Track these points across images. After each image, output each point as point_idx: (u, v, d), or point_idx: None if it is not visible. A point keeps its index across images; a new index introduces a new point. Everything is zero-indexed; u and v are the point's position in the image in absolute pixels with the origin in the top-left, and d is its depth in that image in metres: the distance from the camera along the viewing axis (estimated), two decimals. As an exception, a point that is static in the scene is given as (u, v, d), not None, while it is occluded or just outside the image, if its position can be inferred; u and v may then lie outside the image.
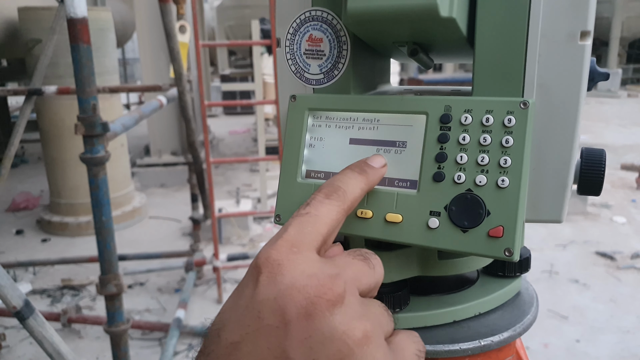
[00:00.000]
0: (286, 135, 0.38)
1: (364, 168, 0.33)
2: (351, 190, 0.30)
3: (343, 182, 0.31)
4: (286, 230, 0.27)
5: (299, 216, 0.28)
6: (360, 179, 0.32)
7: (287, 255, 0.26)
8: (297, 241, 0.27)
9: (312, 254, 0.27)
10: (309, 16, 0.39)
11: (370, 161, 0.33)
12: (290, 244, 0.26)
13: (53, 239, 3.36)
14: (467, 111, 0.33)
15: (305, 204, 0.29)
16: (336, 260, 0.27)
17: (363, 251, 0.29)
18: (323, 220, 0.28)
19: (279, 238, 0.27)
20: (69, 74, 3.06)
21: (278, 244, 0.26)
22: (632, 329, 2.15)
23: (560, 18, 0.33)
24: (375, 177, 0.33)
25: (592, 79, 0.36)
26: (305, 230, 0.27)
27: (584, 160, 0.36)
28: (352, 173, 0.32)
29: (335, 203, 0.29)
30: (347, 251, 0.29)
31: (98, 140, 1.33)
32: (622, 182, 4.21)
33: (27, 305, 1.12)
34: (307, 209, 0.28)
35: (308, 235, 0.27)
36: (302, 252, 0.26)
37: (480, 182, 0.32)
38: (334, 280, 0.25)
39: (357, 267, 0.28)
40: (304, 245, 0.27)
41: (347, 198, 0.30)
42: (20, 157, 5.56)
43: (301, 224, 0.28)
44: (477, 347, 0.36)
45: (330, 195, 0.29)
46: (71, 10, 1.20)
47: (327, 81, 0.39)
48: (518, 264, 0.42)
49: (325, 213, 0.28)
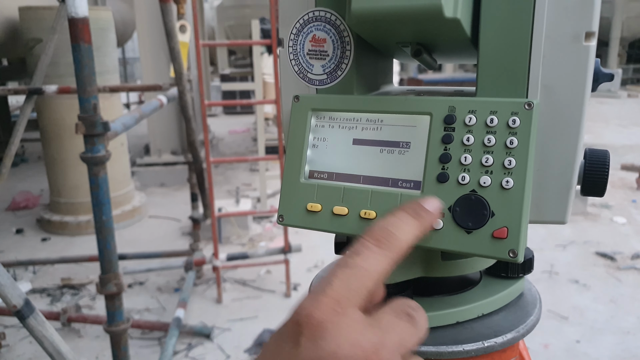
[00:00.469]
0: (289, 136, 0.38)
1: (419, 212, 0.30)
2: (404, 238, 0.28)
3: (396, 227, 0.28)
4: (330, 284, 0.25)
5: (346, 267, 0.26)
6: (415, 224, 0.29)
7: (330, 317, 0.24)
8: (342, 298, 0.25)
9: (356, 314, 0.25)
10: (312, 17, 0.39)
11: (426, 203, 0.31)
12: (334, 302, 0.24)
13: (53, 238, 3.36)
14: (471, 112, 0.33)
15: (354, 250, 0.27)
16: (381, 321, 0.26)
17: (406, 306, 0.27)
18: (371, 274, 0.26)
19: (323, 293, 0.25)
20: (69, 74, 3.07)
21: (322, 302, 0.24)
22: (632, 330, 2.15)
23: (565, 19, 0.33)
24: (430, 222, 0.31)
25: (597, 79, 0.36)
26: (352, 285, 0.25)
27: (588, 162, 0.36)
28: (406, 217, 0.29)
29: (386, 253, 0.27)
30: (391, 307, 0.27)
31: (99, 139, 1.33)
32: (622, 182, 4.21)
33: (27, 305, 1.12)
34: (356, 260, 0.26)
35: (354, 291, 0.25)
36: (346, 313, 0.24)
37: (484, 183, 0.32)
38: (378, 350, 0.24)
39: (402, 329, 0.26)
40: (349, 303, 0.25)
41: (399, 247, 0.27)
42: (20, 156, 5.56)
43: (348, 277, 0.25)
44: (480, 349, 0.36)
45: (382, 242, 0.27)
46: (72, 10, 1.20)
47: (330, 81, 0.39)
48: (521, 265, 0.42)
49: (374, 265, 0.26)
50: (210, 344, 2.12)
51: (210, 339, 2.14)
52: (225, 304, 2.43)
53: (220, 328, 2.22)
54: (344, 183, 0.36)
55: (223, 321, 2.28)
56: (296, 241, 2.69)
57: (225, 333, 2.19)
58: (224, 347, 2.09)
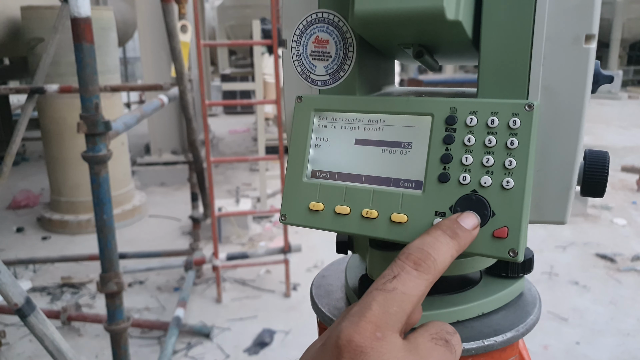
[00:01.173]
0: (292, 136, 0.39)
1: (456, 231, 0.30)
2: (442, 259, 0.28)
3: (434, 248, 0.28)
4: (370, 308, 0.25)
5: (385, 291, 0.26)
6: (452, 244, 0.29)
7: (370, 342, 0.24)
8: (381, 323, 0.25)
9: (396, 339, 0.25)
10: (315, 18, 0.39)
11: (463, 221, 0.30)
12: (374, 327, 0.25)
13: (53, 237, 3.37)
14: (472, 113, 0.34)
15: (392, 274, 0.27)
16: (420, 347, 0.26)
17: (444, 332, 0.28)
18: (410, 298, 0.26)
19: (363, 317, 0.25)
20: (70, 73, 3.07)
21: (362, 327, 0.25)
22: (632, 332, 2.15)
23: (565, 21, 0.33)
24: (467, 241, 0.30)
25: (597, 81, 0.36)
26: (391, 310, 0.25)
27: (588, 162, 0.36)
28: (443, 237, 0.29)
29: (425, 276, 0.27)
30: (428, 331, 0.27)
31: (100, 138, 1.33)
32: (623, 184, 4.21)
33: (28, 303, 1.12)
34: (394, 283, 0.26)
35: (394, 315, 0.25)
36: (386, 338, 0.25)
37: (485, 183, 0.32)
38: None
39: (439, 355, 0.26)
40: (389, 327, 0.25)
41: (437, 269, 0.27)
42: (21, 155, 5.56)
43: (387, 302, 0.25)
44: (480, 347, 0.36)
45: (420, 265, 0.27)
46: (75, 10, 1.20)
47: (333, 82, 0.40)
48: (521, 265, 0.42)
49: (413, 288, 0.26)
50: (209, 344, 2.12)
51: (209, 339, 2.15)
52: (225, 304, 2.43)
53: (220, 327, 2.22)
54: (346, 183, 0.37)
55: (222, 321, 2.28)
56: (296, 241, 2.69)
57: (225, 332, 2.20)
58: (223, 346, 2.10)
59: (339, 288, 0.46)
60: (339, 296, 0.45)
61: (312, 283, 0.47)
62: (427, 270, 0.27)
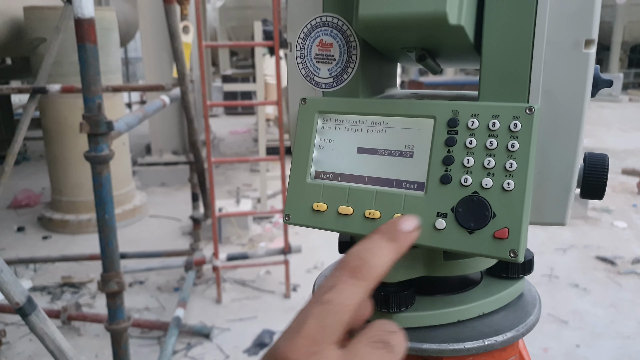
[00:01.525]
0: (296, 137, 0.39)
1: (395, 234, 0.29)
2: (380, 264, 0.27)
3: (372, 255, 0.27)
4: (305, 323, 0.25)
5: (320, 304, 0.26)
6: (390, 248, 0.28)
7: (305, 357, 0.24)
8: (317, 337, 0.25)
9: (332, 350, 0.25)
10: (319, 22, 0.40)
11: (403, 224, 0.30)
12: (309, 342, 0.24)
13: (54, 237, 3.37)
14: (474, 116, 0.34)
15: (329, 285, 0.26)
16: (357, 354, 0.25)
17: (384, 332, 0.27)
18: (346, 308, 0.26)
19: (298, 333, 0.25)
20: (72, 73, 3.08)
21: (296, 342, 0.24)
22: (632, 335, 2.15)
23: (566, 26, 0.34)
24: (407, 243, 0.29)
25: (596, 85, 0.37)
26: (327, 322, 0.25)
27: (587, 165, 0.37)
28: (381, 242, 0.28)
29: (362, 283, 0.26)
30: (367, 335, 0.27)
31: (102, 138, 1.34)
32: (623, 186, 4.21)
33: (29, 302, 1.13)
34: (330, 295, 0.26)
35: (329, 328, 0.25)
36: (322, 352, 0.24)
37: (486, 185, 0.33)
38: None
39: (376, 357, 0.26)
40: (325, 340, 0.25)
41: (375, 274, 0.27)
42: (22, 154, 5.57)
43: (322, 314, 0.25)
44: (481, 347, 0.36)
45: (357, 273, 0.26)
46: (79, 11, 1.21)
47: (337, 85, 0.40)
48: (521, 266, 0.43)
49: (349, 298, 0.26)
50: (209, 344, 2.12)
51: (209, 339, 2.15)
52: (225, 304, 2.43)
53: (220, 328, 2.23)
54: (349, 183, 0.37)
55: (222, 321, 2.28)
56: (296, 242, 2.70)
57: (225, 333, 2.20)
58: (223, 347, 2.10)
59: (341, 288, 0.46)
60: (341, 296, 0.45)
61: (314, 282, 0.48)
62: (364, 277, 0.27)
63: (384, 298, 0.38)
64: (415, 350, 0.37)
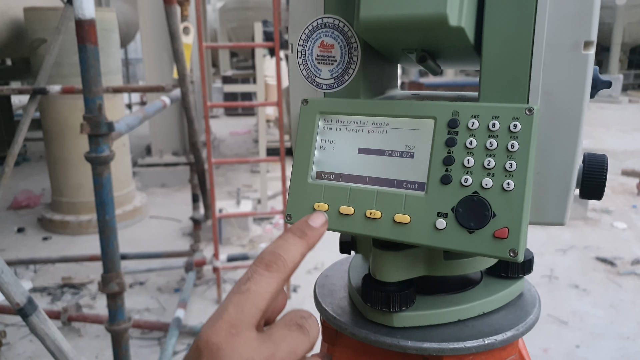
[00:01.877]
0: (298, 138, 0.40)
1: (304, 230, 0.33)
2: (292, 258, 0.31)
3: (284, 250, 0.31)
4: (226, 310, 0.28)
5: (240, 293, 0.29)
6: (301, 243, 0.32)
7: (226, 339, 0.26)
8: (236, 321, 0.27)
9: (250, 333, 0.27)
10: (321, 23, 0.40)
11: (311, 220, 0.34)
12: (229, 325, 0.27)
13: (54, 237, 3.37)
14: (474, 116, 0.34)
15: (246, 277, 0.30)
16: (273, 335, 0.28)
17: (298, 317, 0.30)
18: (262, 296, 0.29)
19: (219, 319, 0.27)
20: (72, 74, 3.08)
21: (218, 326, 0.27)
22: (632, 335, 2.15)
23: (565, 28, 0.34)
24: (316, 238, 0.33)
25: (595, 86, 0.37)
26: (245, 308, 0.28)
27: (587, 166, 0.37)
28: (292, 238, 0.32)
29: (275, 275, 0.30)
30: (283, 320, 0.30)
31: (103, 139, 1.34)
32: (623, 187, 4.22)
33: (29, 303, 1.13)
34: (248, 285, 0.29)
35: (247, 312, 0.28)
36: (240, 333, 0.27)
37: (486, 185, 0.33)
38: None
39: (293, 339, 0.29)
40: (243, 324, 0.27)
41: (287, 267, 0.30)
42: (22, 155, 5.57)
43: (240, 302, 0.28)
44: (481, 346, 0.37)
45: (271, 266, 0.30)
46: (79, 12, 1.21)
47: (338, 86, 0.41)
48: (521, 266, 0.43)
49: (265, 287, 0.29)
50: (210, 345, 2.12)
51: (210, 340, 2.14)
52: (226, 305, 2.43)
53: (220, 329, 2.22)
54: (350, 184, 0.38)
55: (223, 322, 2.28)
56: (297, 243, 2.69)
57: (225, 334, 2.19)
58: (223, 347, 2.10)
59: (342, 287, 0.47)
60: (342, 295, 0.45)
61: (315, 282, 0.48)
62: (278, 269, 0.30)
63: (385, 297, 0.38)
64: (416, 349, 0.37)
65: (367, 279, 0.41)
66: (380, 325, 0.40)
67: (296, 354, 0.28)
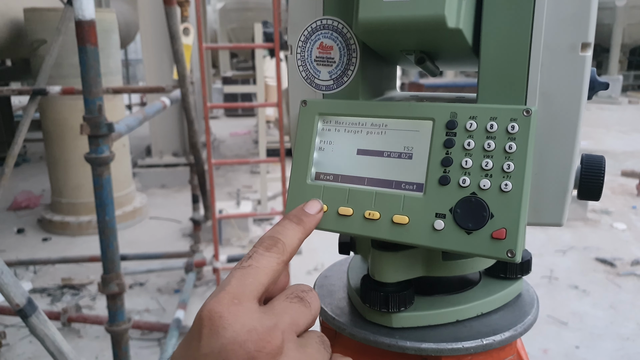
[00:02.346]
0: (297, 139, 0.40)
1: (301, 217, 0.34)
2: (290, 242, 0.32)
3: (282, 235, 0.32)
4: (229, 283, 0.29)
5: (241, 268, 0.29)
6: (298, 229, 0.33)
7: (228, 308, 0.27)
8: (238, 293, 0.28)
9: (252, 304, 0.28)
10: (320, 24, 0.40)
11: (307, 208, 0.35)
12: (232, 296, 0.27)
13: (54, 238, 3.37)
14: (472, 118, 0.35)
15: (247, 256, 0.31)
16: (274, 307, 0.29)
17: (299, 291, 0.31)
18: (264, 271, 0.29)
19: (222, 290, 0.28)
20: (72, 75, 3.08)
21: (220, 296, 0.27)
22: (631, 336, 2.15)
23: (562, 30, 0.34)
24: (312, 224, 0.34)
25: (593, 88, 0.37)
26: (247, 281, 0.28)
27: (584, 167, 0.37)
28: (290, 224, 0.33)
29: (275, 255, 0.30)
30: (284, 293, 0.31)
31: (103, 140, 1.34)
32: (623, 188, 4.22)
33: (29, 303, 1.13)
34: (249, 262, 0.30)
35: (249, 286, 0.28)
36: (243, 304, 0.27)
37: (484, 186, 0.33)
38: (272, 332, 0.27)
39: (294, 310, 0.29)
40: (245, 296, 0.28)
41: (286, 250, 0.31)
42: (22, 156, 5.57)
43: (243, 276, 0.29)
44: (479, 346, 0.37)
45: (271, 248, 0.31)
46: (79, 13, 1.22)
47: (337, 87, 0.41)
48: (519, 266, 0.43)
49: (266, 264, 0.30)
50: (210, 345, 2.12)
51: (210, 340, 2.14)
52: (225, 306, 2.43)
53: (220, 329, 2.22)
54: (349, 185, 0.38)
55: (223, 323, 2.28)
56: (296, 244, 2.69)
57: (225, 334, 2.19)
58: (223, 348, 2.09)
59: (341, 288, 0.47)
60: (341, 296, 0.46)
61: (314, 283, 0.48)
62: (277, 251, 0.31)
63: (383, 298, 0.38)
64: (414, 350, 0.37)
65: (365, 279, 0.41)
66: (379, 325, 0.40)
67: (298, 325, 0.29)
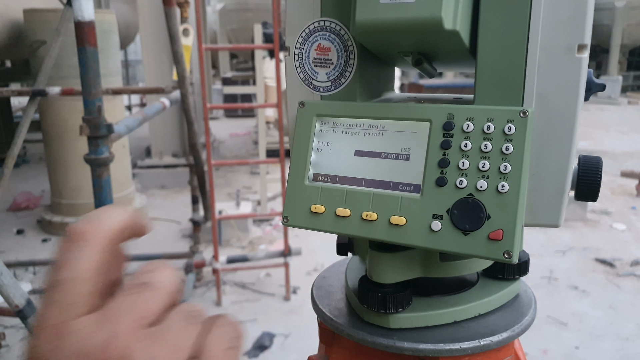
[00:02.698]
0: (295, 140, 0.40)
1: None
2: (105, 228, 0.25)
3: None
4: (42, 315, 0.23)
5: (51, 287, 0.23)
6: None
7: (53, 343, 0.22)
8: (57, 321, 0.22)
9: (78, 323, 0.22)
10: (317, 26, 0.40)
11: None
12: (51, 328, 0.22)
13: (54, 239, 3.37)
14: (469, 119, 0.35)
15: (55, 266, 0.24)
16: (110, 310, 0.23)
17: (139, 275, 0.24)
18: (81, 277, 0.23)
19: (39, 327, 0.23)
20: (72, 75, 3.09)
21: (40, 335, 0.22)
22: (631, 336, 2.15)
23: (559, 32, 0.34)
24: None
25: (589, 89, 0.37)
26: (64, 301, 0.22)
27: (581, 168, 0.38)
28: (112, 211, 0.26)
29: (85, 249, 0.23)
30: (125, 286, 0.24)
31: (102, 141, 1.35)
32: (622, 189, 4.22)
33: (29, 305, 1.13)
34: (60, 274, 0.23)
35: (67, 305, 0.22)
36: (68, 329, 0.22)
37: (481, 187, 0.33)
38: (110, 345, 0.22)
39: (134, 303, 0.23)
40: (69, 316, 0.22)
41: (97, 237, 0.24)
42: (22, 157, 5.57)
43: (55, 297, 0.23)
44: (477, 347, 0.37)
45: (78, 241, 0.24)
46: (79, 14, 1.22)
47: (335, 88, 0.41)
48: (517, 267, 0.43)
49: (78, 269, 0.23)
50: (209, 346, 2.12)
51: (209, 341, 2.14)
52: (225, 307, 2.43)
53: (220, 330, 2.22)
54: (347, 186, 0.38)
55: (222, 323, 2.27)
56: (296, 244, 2.70)
57: (225, 335, 2.19)
58: (223, 349, 2.09)
59: (340, 289, 0.47)
60: (340, 297, 0.46)
61: (313, 284, 0.48)
62: (87, 244, 0.24)
63: (381, 299, 0.38)
64: (412, 351, 0.37)
65: (363, 280, 0.41)
66: (377, 326, 0.40)
67: (145, 316, 0.23)
